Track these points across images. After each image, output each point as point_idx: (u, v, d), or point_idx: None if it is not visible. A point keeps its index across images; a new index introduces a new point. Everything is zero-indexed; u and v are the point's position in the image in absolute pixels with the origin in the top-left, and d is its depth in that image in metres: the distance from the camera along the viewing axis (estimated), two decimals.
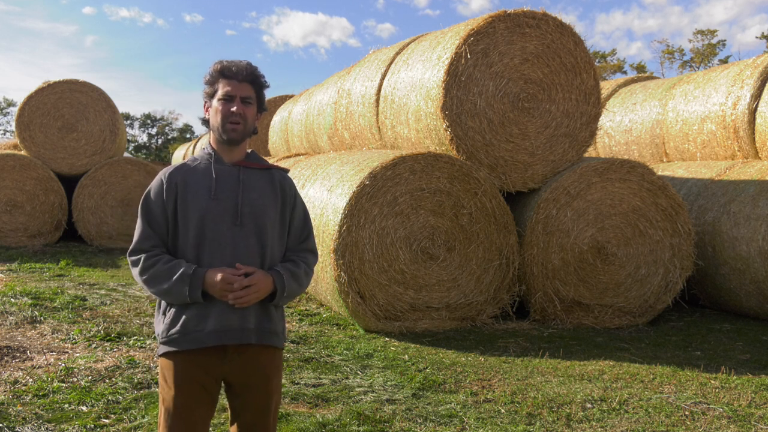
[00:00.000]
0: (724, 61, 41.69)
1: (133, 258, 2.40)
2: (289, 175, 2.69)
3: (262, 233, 2.42)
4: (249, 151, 2.56)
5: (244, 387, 2.45)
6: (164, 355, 2.40)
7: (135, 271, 2.39)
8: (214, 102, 2.43)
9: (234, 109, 2.39)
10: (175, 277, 2.29)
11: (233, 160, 2.47)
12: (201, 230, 2.37)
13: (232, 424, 2.53)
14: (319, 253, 6.60)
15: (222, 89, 2.41)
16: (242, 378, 2.44)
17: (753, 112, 8.08)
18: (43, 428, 3.77)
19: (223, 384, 2.49)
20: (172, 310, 2.39)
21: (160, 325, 2.44)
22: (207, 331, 2.35)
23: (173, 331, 2.37)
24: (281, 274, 2.42)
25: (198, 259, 2.37)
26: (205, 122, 2.51)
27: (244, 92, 2.41)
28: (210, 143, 2.51)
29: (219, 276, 2.30)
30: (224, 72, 2.42)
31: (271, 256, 2.46)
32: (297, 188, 2.66)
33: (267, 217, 2.44)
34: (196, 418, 2.38)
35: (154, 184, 2.44)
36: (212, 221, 2.37)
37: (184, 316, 2.36)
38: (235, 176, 2.44)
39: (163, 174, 2.44)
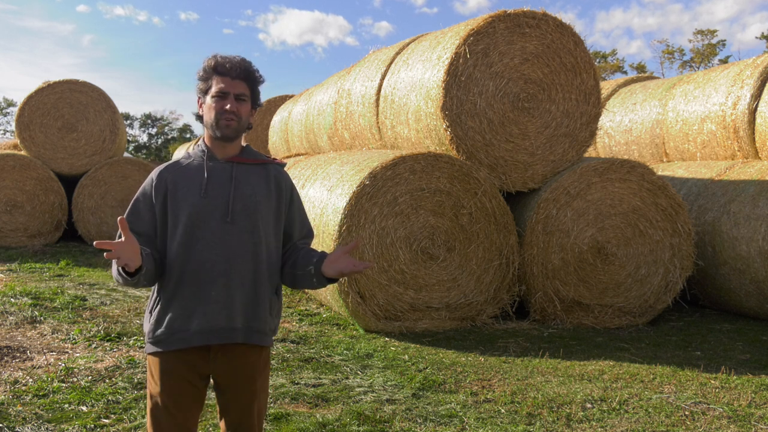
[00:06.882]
0: (724, 61, 41.68)
1: None
2: (290, 175, 2.68)
3: (255, 229, 2.40)
4: (244, 145, 2.53)
5: (229, 386, 2.46)
6: (151, 353, 2.42)
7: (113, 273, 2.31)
8: (208, 99, 2.40)
9: (228, 107, 2.36)
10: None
11: (227, 156, 2.44)
12: (190, 228, 2.34)
13: (221, 418, 2.54)
14: None
15: (216, 86, 2.38)
16: (227, 377, 2.45)
17: (753, 112, 8.08)
18: (43, 428, 3.77)
19: (211, 379, 2.51)
20: (157, 309, 2.38)
21: (147, 324, 2.45)
22: (192, 331, 2.35)
23: (159, 332, 2.37)
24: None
25: (188, 257, 2.35)
26: (199, 118, 2.49)
27: (238, 89, 2.38)
28: (204, 140, 2.49)
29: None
30: (218, 68, 2.39)
31: (267, 252, 2.44)
32: (294, 183, 2.63)
33: (259, 212, 2.42)
34: (183, 412, 2.40)
35: (145, 182, 2.43)
36: (202, 219, 2.35)
37: (169, 315, 2.36)
38: (228, 172, 2.42)
39: (154, 172, 2.43)
